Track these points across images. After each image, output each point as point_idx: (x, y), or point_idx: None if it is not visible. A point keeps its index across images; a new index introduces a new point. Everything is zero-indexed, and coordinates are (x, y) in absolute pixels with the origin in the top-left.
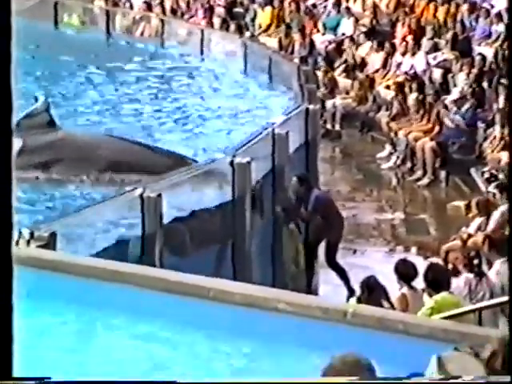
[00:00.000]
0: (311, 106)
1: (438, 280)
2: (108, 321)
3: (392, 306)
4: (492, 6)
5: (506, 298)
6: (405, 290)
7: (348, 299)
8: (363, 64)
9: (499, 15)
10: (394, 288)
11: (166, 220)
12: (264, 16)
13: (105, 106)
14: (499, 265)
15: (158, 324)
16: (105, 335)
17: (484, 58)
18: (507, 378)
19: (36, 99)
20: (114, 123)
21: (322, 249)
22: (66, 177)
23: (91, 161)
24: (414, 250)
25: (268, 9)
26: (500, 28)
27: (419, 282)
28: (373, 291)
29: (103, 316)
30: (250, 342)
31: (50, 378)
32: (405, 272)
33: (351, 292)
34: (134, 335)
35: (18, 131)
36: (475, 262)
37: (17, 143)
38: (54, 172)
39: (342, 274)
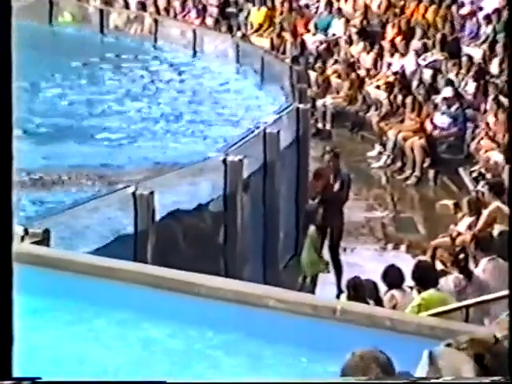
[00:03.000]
0: (302, 106)
1: (425, 277)
2: (100, 315)
3: (380, 303)
4: (481, 9)
5: (490, 296)
6: (394, 291)
7: (338, 297)
8: (354, 64)
9: (487, 17)
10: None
11: (158, 217)
12: (257, 16)
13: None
14: (485, 263)
15: (150, 319)
16: (98, 329)
17: (471, 58)
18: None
19: None
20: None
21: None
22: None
23: None
24: (403, 247)
25: (263, 9)
26: (488, 30)
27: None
28: (357, 291)
29: (96, 311)
30: (241, 338)
31: (40, 378)
32: (392, 281)
33: (340, 289)
34: (125, 329)
35: None
36: (461, 257)
37: None
38: None
39: (339, 269)
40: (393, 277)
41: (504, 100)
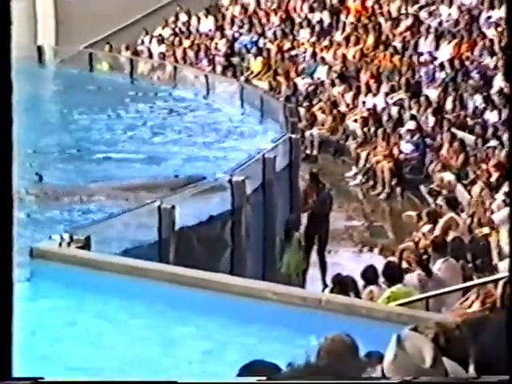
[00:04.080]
0: (294, 136)
1: (393, 275)
2: (130, 308)
3: (358, 295)
4: (435, 58)
5: (445, 289)
6: (372, 286)
7: (323, 290)
8: (335, 102)
9: (441, 65)
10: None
11: (177, 226)
12: (257, 63)
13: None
14: (440, 263)
15: (172, 309)
16: (127, 320)
17: (429, 98)
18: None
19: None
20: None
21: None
22: None
23: None
24: (376, 250)
25: (259, 58)
26: (442, 75)
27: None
28: (340, 285)
29: (127, 304)
30: (244, 323)
31: (43, 378)
32: (370, 278)
33: (325, 284)
34: (149, 318)
35: None
36: (424, 258)
37: None
38: None
39: (324, 266)
40: (370, 275)
41: (456, 131)
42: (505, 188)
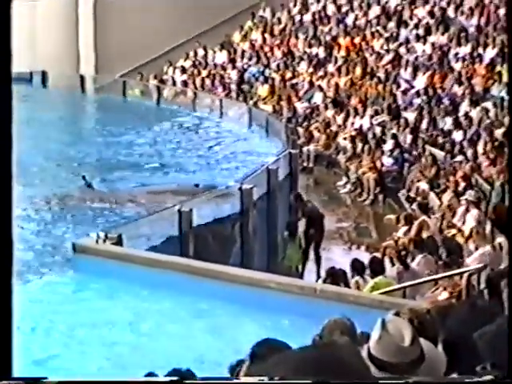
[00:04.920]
0: (293, 151)
1: (376, 268)
2: (158, 296)
3: (347, 285)
4: (413, 87)
5: (420, 280)
6: (357, 278)
7: (317, 280)
8: (329, 123)
9: (417, 92)
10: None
11: (195, 226)
12: (263, 90)
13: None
14: (419, 259)
15: (191, 296)
16: (152, 305)
17: (407, 120)
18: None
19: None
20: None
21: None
22: None
23: None
24: (362, 248)
25: (265, 86)
26: (418, 101)
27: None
28: (332, 277)
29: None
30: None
31: (46, 378)
32: (357, 268)
33: (319, 276)
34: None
35: None
36: (403, 254)
37: None
38: None
39: (319, 261)
40: (356, 265)
41: (429, 148)
42: (467, 195)
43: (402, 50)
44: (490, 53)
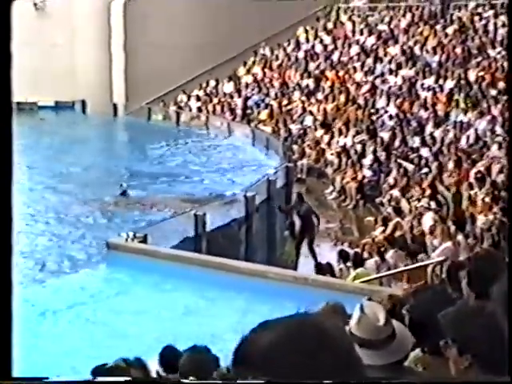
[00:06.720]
0: (289, 164)
1: (357, 260)
2: (178, 286)
3: (334, 275)
4: (386, 111)
5: (393, 271)
6: (342, 266)
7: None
8: (318, 141)
9: (390, 116)
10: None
11: (208, 228)
12: (263, 114)
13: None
14: (391, 253)
15: (203, 287)
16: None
17: (383, 138)
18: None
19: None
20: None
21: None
22: None
23: None
24: (346, 244)
25: (265, 111)
26: (391, 123)
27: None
28: (321, 269)
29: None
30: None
31: (47, 378)
32: (343, 256)
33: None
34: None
35: None
36: (381, 249)
37: None
38: None
39: (315, 255)
40: (343, 254)
41: (401, 162)
42: (423, 203)
43: (378, 81)
44: (449, 84)
